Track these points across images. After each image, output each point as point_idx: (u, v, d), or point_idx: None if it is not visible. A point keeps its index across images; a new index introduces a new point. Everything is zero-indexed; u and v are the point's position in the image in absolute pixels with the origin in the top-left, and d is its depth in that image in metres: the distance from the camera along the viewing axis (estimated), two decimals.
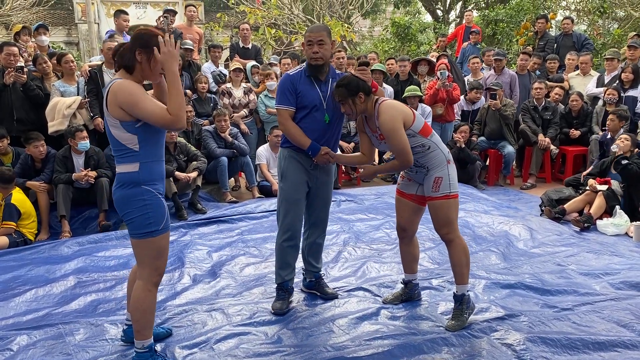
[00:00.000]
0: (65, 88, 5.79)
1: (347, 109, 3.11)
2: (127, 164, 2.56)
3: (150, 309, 2.67)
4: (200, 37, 8.49)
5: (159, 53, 2.49)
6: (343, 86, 3.08)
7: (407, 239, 3.44)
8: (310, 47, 3.19)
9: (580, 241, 4.69)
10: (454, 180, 3.16)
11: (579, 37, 8.91)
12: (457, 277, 3.20)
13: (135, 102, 2.45)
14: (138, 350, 2.70)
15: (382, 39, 13.70)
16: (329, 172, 3.51)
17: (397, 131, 3.01)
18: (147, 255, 2.63)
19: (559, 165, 7.58)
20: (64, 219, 5.16)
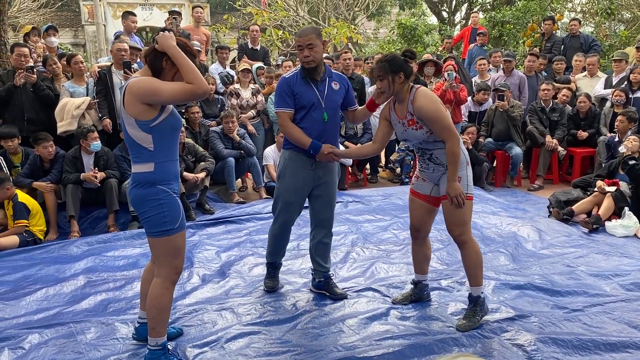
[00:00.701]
0: (75, 89, 5.82)
1: (385, 85, 3.07)
2: (143, 164, 2.59)
3: (166, 307, 2.69)
4: (207, 39, 8.51)
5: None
6: (386, 61, 3.06)
7: (420, 239, 3.43)
8: (301, 51, 3.26)
9: (590, 242, 4.68)
10: (470, 182, 3.15)
11: (587, 38, 8.89)
12: (471, 279, 3.19)
13: (155, 89, 2.48)
14: (151, 347, 2.71)
15: (388, 40, 13.71)
16: (332, 172, 3.52)
17: (441, 111, 2.99)
18: (164, 253, 2.65)
19: (566, 166, 7.56)
20: (73, 219, 5.19)
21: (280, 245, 3.68)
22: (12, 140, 5.32)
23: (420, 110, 3.01)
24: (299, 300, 3.55)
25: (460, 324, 3.13)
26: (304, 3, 15.35)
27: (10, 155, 5.44)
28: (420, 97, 3.02)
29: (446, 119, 3.00)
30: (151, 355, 2.71)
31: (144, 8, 18.98)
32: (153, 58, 2.59)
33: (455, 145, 2.99)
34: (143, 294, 2.93)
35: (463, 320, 3.16)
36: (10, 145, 5.33)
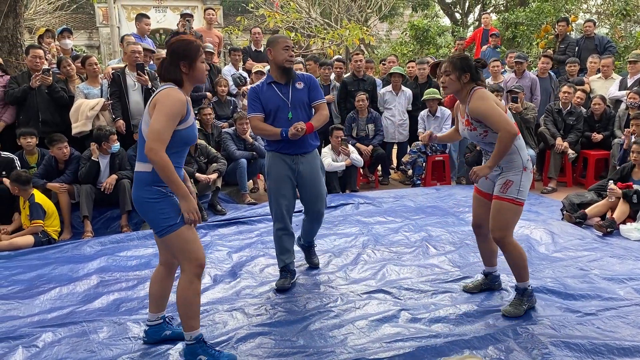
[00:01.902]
0: (89, 90, 5.88)
1: (447, 80, 3.15)
2: (144, 163, 2.63)
3: (194, 301, 2.71)
4: (219, 40, 8.56)
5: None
6: (457, 58, 3.14)
7: (482, 236, 3.52)
8: (287, 51, 3.61)
9: (604, 246, 4.63)
10: (524, 188, 3.16)
11: (601, 40, 8.80)
12: (516, 277, 3.31)
13: (160, 111, 2.51)
14: (188, 342, 2.74)
15: (400, 41, 13.68)
16: (312, 165, 3.80)
17: (490, 107, 3.03)
18: (178, 249, 2.67)
19: (580, 169, 7.49)
20: (87, 219, 5.24)
21: (285, 242, 3.84)
22: (31, 137, 5.40)
23: (473, 110, 3.10)
24: (309, 302, 3.55)
25: (505, 309, 3.25)
26: (316, 5, 15.36)
27: (26, 156, 5.52)
28: (475, 99, 3.08)
29: (496, 113, 3.02)
30: (189, 350, 2.74)
31: (158, 10, 19.14)
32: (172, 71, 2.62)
33: (506, 135, 3.00)
34: (152, 296, 2.98)
35: (509, 306, 3.27)
36: (30, 142, 5.41)
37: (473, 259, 4.29)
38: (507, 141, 3.03)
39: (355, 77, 7.50)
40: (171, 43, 2.70)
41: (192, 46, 2.66)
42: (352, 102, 7.34)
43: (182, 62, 2.63)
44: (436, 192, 6.61)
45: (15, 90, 5.56)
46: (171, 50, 2.66)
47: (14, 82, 5.64)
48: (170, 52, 2.66)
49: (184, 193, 2.58)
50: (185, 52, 2.63)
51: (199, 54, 2.68)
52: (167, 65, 2.65)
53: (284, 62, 3.61)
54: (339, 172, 6.80)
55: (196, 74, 2.68)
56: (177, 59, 2.63)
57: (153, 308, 3.00)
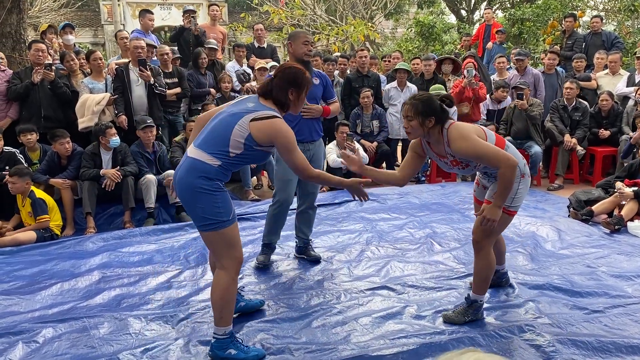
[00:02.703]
0: (94, 85, 5.86)
1: (413, 126, 2.85)
2: (210, 156, 2.58)
3: (233, 298, 2.73)
4: (223, 37, 8.53)
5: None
6: (419, 101, 2.84)
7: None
8: (306, 45, 3.83)
9: (611, 243, 4.57)
10: (520, 196, 2.98)
11: (609, 35, 8.71)
12: (476, 286, 3.13)
13: (290, 152, 2.62)
14: (219, 336, 2.73)
15: (405, 38, 13.60)
16: (318, 151, 4.11)
17: (480, 146, 2.77)
18: (223, 246, 2.64)
19: (587, 166, 7.41)
20: (89, 216, 5.22)
21: (278, 225, 4.12)
22: (30, 134, 5.38)
23: (461, 153, 2.83)
24: (312, 298, 3.51)
25: (446, 314, 3.13)
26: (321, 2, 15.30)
27: (28, 153, 5.50)
28: (455, 140, 2.80)
29: (490, 150, 2.77)
30: (218, 344, 2.72)
31: (163, 7, 19.14)
32: (282, 95, 2.69)
33: (508, 171, 2.74)
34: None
35: (452, 312, 3.14)
36: (30, 138, 5.38)
37: None
38: (510, 174, 2.76)
39: (359, 73, 7.45)
40: (285, 67, 2.78)
41: (305, 77, 2.76)
42: (356, 99, 7.29)
43: (291, 89, 2.71)
44: (441, 189, 6.55)
45: (18, 87, 5.54)
46: (284, 74, 2.72)
47: (16, 77, 5.63)
48: (282, 75, 2.72)
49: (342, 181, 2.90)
50: (298, 80, 2.72)
51: (308, 87, 2.80)
52: (277, 88, 2.69)
53: (303, 56, 3.82)
54: (343, 169, 6.75)
55: (298, 104, 2.79)
56: (289, 85, 2.70)
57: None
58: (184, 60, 7.43)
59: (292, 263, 4.21)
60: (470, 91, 6.98)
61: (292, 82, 2.71)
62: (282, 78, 2.71)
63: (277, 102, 2.70)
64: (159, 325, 3.21)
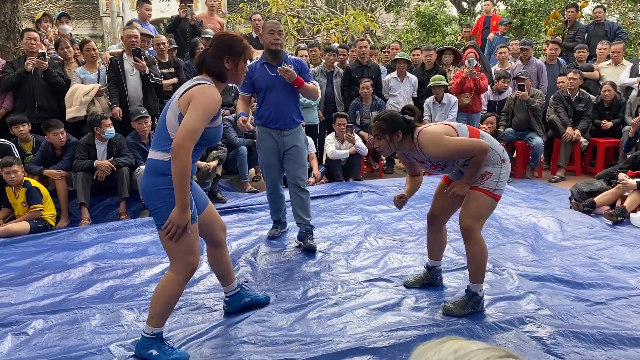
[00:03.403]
0: (86, 75, 5.78)
1: (383, 144, 2.95)
2: (160, 152, 2.50)
3: (173, 302, 2.60)
4: (221, 27, 8.41)
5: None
6: (383, 120, 2.92)
7: (435, 227, 3.34)
8: (272, 34, 3.99)
9: (613, 234, 4.49)
10: (502, 181, 2.96)
11: (612, 26, 8.59)
12: (471, 275, 3.06)
13: (196, 109, 2.37)
14: (146, 335, 2.61)
15: (406, 29, 13.47)
16: (294, 139, 4.19)
17: (451, 145, 2.82)
18: (175, 247, 2.51)
19: (589, 157, 7.32)
20: (84, 207, 5.15)
21: (276, 204, 4.41)
22: (22, 125, 5.29)
23: (436, 157, 2.91)
24: (308, 290, 3.44)
25: (445, 305, 3.06)
26: None
27: (21, 144, 5.42)
28: (427, 146, 2.86)
29: (461, 145, 2.83)
30: (143, 342, 2.61)
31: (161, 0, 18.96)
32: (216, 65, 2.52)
33: (481, 155, 2.83)
34: (217, 275, 3.08)
35: (451, 304, 3.06)
36: (22, 130, 5.30)
37: None
38: (482, 158, 2.85)
39: (359, 63, 7.35)
40: (219, 35, 2.63)
41: (241, 44, 2.58)
42: (355, 89, 7.20)
43: (226, 57, 2.53)
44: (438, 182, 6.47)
45: (11, 75, 5.45)
46: (217, 42, 2.56)
47: (9, 67, 5.54)
48: (216, 44, 2.56)
49: (185, 204, 2.39)
50: (232, 47, 2.54)
51: (246, 53, 2.60)
52: (211, 57, 2.53)
53: (269, 45, 4.02)
54: (342, 161, 6.67)
55: (237, 73, 2.60)
56: (222, 52, 2.53)
57: (224, 283, 3.06)
58: (180, 51, 7.34)
59: (290, 254, 4.14)
60: (471, 82, 6.89)
61: (227, 49, 2.53)
62: (216, 47, 2.54)
63: (212, 73, 2.53)
64: None
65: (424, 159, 2.97)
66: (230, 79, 2.61)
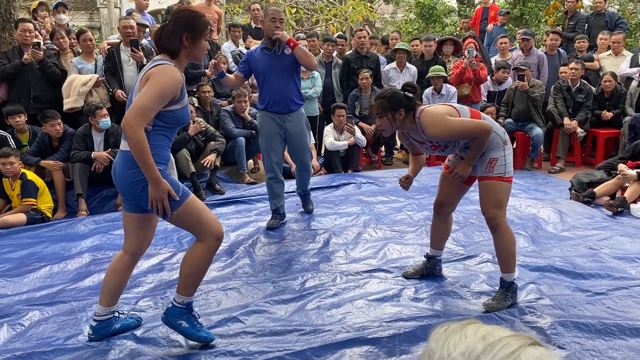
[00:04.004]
0: (83, 65, 5.72)
1: (384, 122, 2.89)
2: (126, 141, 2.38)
3: (205, 270, 2.58)
4: (219, 17, 8.36)
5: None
6: (384, 98, 2.87)
7: (443, 215, 3.31)
8: (273, 22, 4.16)
9: (614, 225, 4.47)
10: (509, 162, 2.93)
11: (612, 16, 8.54)
12: (503, 265, 3.00)
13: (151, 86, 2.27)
14: (177, 304, 2.58)
15: (405, 20, 13.40)
16: (297, 122, 4.42)
17: (454, 126, 2.77)
18: (193, 223, 2.48)
19: (589, 148, 7.30)
20: (81, 198, 5.11)
21: (276, 189, 4.49)
22: (19, 116, 5.24)
23: (437, 137, 2.84)
24: (307, 281, 3.42)
25: (487, 303, 2.98)
26: None
27: (18, 135, 5.38)
28: (429, 126, 2.81)
29: (464, 126, 2.78)
30: (174, 311, 2.58)
31: None
32: (172, 41, 2.41)
33: (484, 136, 2.79)
34: (108, 287, 2.66)
35: (492, 300, 2.99)
36: (18, 121, 5.25)
37: (478, 238, 4.15)
38: (485, 139, 2.81)
39: (358, 53, 7.30)
40: (177, 11, 2.49)
41: (201, 20, 2.46)
42: (354, 80, 7.15)
43: (185, 34, 2.42)
44: (440, 172, 6.44)
45: (7, 67, 5.39)
46: (176, 18, 2.44)
47: (4, 57, 5.48)
48: (174, 20, 2.43)
49: (155, 178, 2.31)
50: (191, 24, 2.43)
51: (206, 31, 2.49)
52: (168, 33, 2.42)
53: (270, 33, 4.18)
54: (341, 152, 6.64)
55: (197, 50, 2.48)
56: (182, 29, 2.41)
57: (106, 301, 2.68)
58: None
59: (289, 245, 4.12)
60: (470, 72, 6.84)
61: (185, 26, 2.41)
62: (173, 22, 2.43)
63: (167, 50, 2.42)
64: (149, 307, 3.12)
65: (424, 139, 2.93)
66: (189, 57, 2.49)
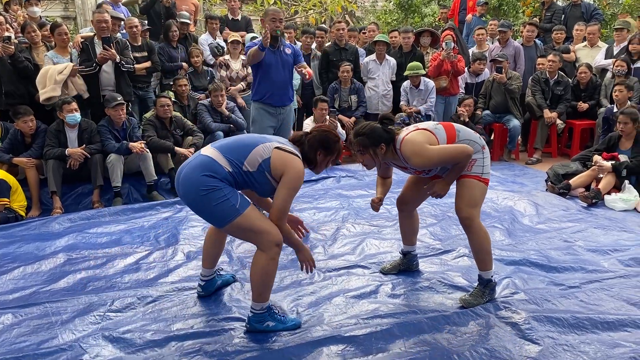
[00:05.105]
0: (58, 59, 5.58)
1: (367, 158, 2.90)
2: (227, 161, 2.62)
3: (272, 276, 2.71)
4: (196, 9, 8.24)
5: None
6: (364, 135, 2.85)
7: (406, 212, 3.32)
8: (274, 22, 4.50)
9: (588, 217, 4.54)
10: (487, 164, 2.96)
11: (588, 7, 8.61)
12: (480, 263, 3.02)
13: (289, 188, 2.65)
14: (256, 311, 2.75)
15: (384, 10, 13.35)
16: (290, 115, 4.91)
17: (436, 156, 2.79)
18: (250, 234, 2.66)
19: (565, 139, 7.39)
20: (55, 195, 5.01)
21: None
22: None
23: (419, 167, 2.87)
24: (284, 279, 3.41)
25: (463, 298, 3.01)
26: None
27: None
28: (411, 157, 2.81)
29: (446, 154, 2.80)
30: (256, 318, 2.76)
31: None
32: (311, 151, 2.80)
33: (465, 161, 2.84)
34: (207, 254, 3.10)
35: (469, 296, 3.01)
36: None
37: (455, 232, 4.18)
38: (465, 162, 2.86)
39: (337, 46, 7.26)
40: (323, 129, 2.86)
41: (337, 145, 2.84)
42: (334, 72, 7.12)
43: (320, 151, 2.80)
44: None
45: None
46: (319, 132, 2.82)
47: None
48: (317, 133, 2.81)
49: (299, 244, 2.84)
50: (329, 145, 2.80)
51: (338, 155, 2.89)
52: (308, 144, 2.79)
53: (271, 31, 4.45)
54: None
55: (322, 166, 2.88)
56: (320, 147, 2.79)
57: (208, 264, 3.12)
58: (154, 33, 7.16)
59: None
60: (448, 64, 6.86)
61: (324, 145, 2.80)
62: (314, 137, 2.80)
63: (305, 156, 2.79)
64: (126, 308, 3.08)
65: (407, 166, 2.94)
66: (317, 168, 2.88)
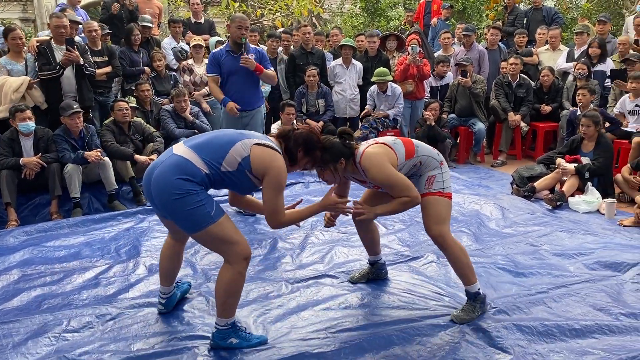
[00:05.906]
0: (13, 66, 5.36)
1: (327, 174, 2.85)
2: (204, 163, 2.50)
3: (238, 292, 2.63)
4: (159, 11, 8.07)
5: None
6: (326, 154, 2.80)
7: (363, 226, 3.26)
8: (240, 29, 4.67)
9: (553, 220, 4.59)
10: (447, 179, 2.94)
11: (549, 11, 8.78)
12: (462, 278, 2.96)
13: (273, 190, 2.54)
14: (220, 327, 2.66)
15: (350, 14, 13.37)
16: (256, 118, 5.02)
17: (392, 178, 2.77)
18: (219, 244, 2.57)
19: (529, 141, 7.50)
20: (10, 207, 4.79)
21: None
22: None
23: (376, 181, 2.84)
24: (250, 292, 3.30)
25: (455, 314, 2.92)
26: None
27: None
28: (371, 169, 2.80)
29: (400, 184, 2.78)
30: (220, 334, 2.66)
31: None
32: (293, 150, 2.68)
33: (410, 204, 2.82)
34: (165, 270, 2.97)
35: (460, 312, 2.92)
36: None
37: (423, 237, 4.13)
38: (408, 207, 2.86)
39: (303, 50, 7.20)
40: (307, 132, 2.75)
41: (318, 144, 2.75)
42: (300, 77, 7.05)
43: (300, 149, 2.69)
44: None
45: None
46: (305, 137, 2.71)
47: None
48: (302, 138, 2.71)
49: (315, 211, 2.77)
50: (310, 145, 2.71)
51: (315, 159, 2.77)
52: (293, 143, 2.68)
53: (236, 38, 4.68)
54: None
55: (301, 166, 2.78)
56: (299, 146, 2.69)
57: (166, 282, 3.01)
58: (116, 37, 6.96)
59: None
60: (414, 68, 6.87)
61: (305, 145, 2.71)
62: (301, 134, 2.72)
63: (288, 151, 2.69)
64: (84, 327, 2.94)
65: (367, 180, 2.90)
66: (295, 167, 2.76)
